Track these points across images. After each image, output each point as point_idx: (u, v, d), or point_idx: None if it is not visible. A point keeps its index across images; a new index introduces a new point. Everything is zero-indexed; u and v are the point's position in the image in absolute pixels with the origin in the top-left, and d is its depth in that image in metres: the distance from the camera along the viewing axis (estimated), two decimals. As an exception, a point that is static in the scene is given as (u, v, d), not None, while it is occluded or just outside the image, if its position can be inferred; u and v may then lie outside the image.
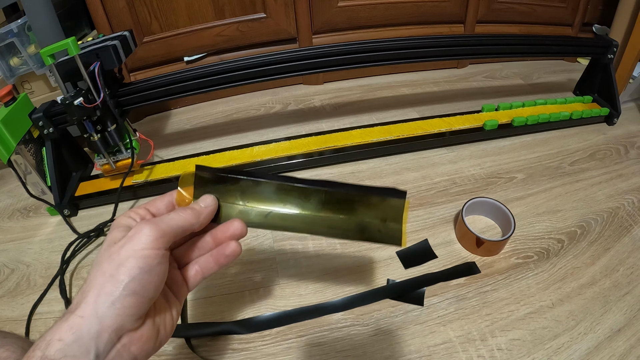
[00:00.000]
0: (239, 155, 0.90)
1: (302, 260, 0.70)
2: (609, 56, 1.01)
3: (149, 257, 0.30)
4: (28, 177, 0.82)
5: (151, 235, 0.30)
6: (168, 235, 0.31)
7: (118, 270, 0.29)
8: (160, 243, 0.31)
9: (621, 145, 0.98)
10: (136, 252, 0.29)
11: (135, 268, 0.29)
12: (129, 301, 0.29)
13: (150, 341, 0.31)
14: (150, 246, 0.30)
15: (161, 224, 0.31)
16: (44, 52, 0.68)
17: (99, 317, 0.28)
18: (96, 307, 0.28)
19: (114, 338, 0.28)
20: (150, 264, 0.30)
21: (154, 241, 0.30)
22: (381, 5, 1.15)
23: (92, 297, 0.28)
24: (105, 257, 0.30)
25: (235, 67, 0.81)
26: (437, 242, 0.72)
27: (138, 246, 0.30)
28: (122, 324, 0.28)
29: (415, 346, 0.57)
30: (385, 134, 0.94)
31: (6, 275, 0.74)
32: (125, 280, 0.28)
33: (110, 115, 0.78)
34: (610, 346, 0.56)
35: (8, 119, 0.74)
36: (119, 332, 0.28)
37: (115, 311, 0.28)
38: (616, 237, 0.73)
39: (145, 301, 0.30)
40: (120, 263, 0.29)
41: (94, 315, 0.28)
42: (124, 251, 0.30)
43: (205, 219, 0.36)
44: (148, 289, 0.30)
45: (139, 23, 1.04)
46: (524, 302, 0.62)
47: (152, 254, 0.30)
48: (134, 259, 0.29)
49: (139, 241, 0.30)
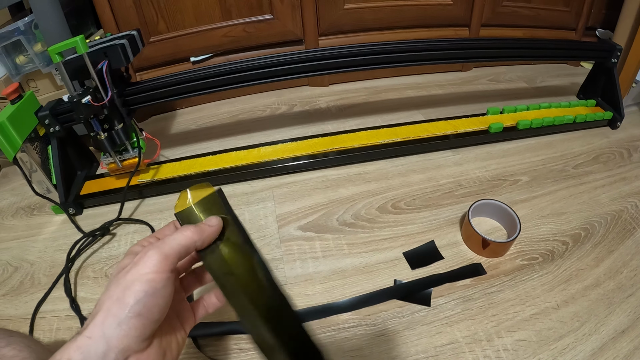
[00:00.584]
0: (245, 156, 0.91)
1: (310, 261, 0.71)
2: (613, 60, 1.02)
3: (153, 280, 0.31)
4: (33, 175, 0.82)
5: (155, 259, 0.31)
6: (171, 257, 0.32)
7: (124, 293, 0.30)
8: (164, 266, 0.32)
9: (624, 148, 0.99)
10: (141, 276, 0.31)
11: (141, 291, 0.30)
12: (134, 323, 0.30)
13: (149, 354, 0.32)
14: (154, 270, 0.31)
15: (164, 247, 0.32)
16: (52, 50, 0.69)
17: (106, 338, 0.29)
18: (103, 328, 0.29)
19: (120, 358, 0.29)
20: (155, 287, 0.31)
21: (158, 264, 0.31)
22: (387, 8, 1.16)
23: (100, 319, 0.30)
24: (113, 282, 0.32)
25: (241, 68, 0.82)
26: (443, 244, 0.73)
27: (143, 270, 0.31)
28: (128, 344, 0.30)
29: (422, 346, 0.58)
30: (392, 136, 0.95)
31: (10, 273, 0.74)
32: (130, 302, 0.30)
33: (118, 114, 0.79)
34: (614, 347, 0.57)
35: (14, 116, 0.75)
36: (126, 353, 0.30)
37: (122, 332, 0.29)
38: (620, 239, 0.74)
39: (150, 323, 0.31)
40: (127, 287, 0.30)
41: (102, 336, 0.29)
42: (130, 275, 0.31)
43: (208, 238, 0.36)
44: (153, 312, 0.31)
45: (145, 23, 1.05)
46: (529, 303, 0.63)
47: (157, 277, 0.31)
48: (140, 282, 0.30)
49: (143, 265, 0.31)
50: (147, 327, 0.31)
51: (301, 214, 0.81)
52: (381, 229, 0.77)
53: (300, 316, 0.36)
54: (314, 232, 0.77)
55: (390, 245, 0.73)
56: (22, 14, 1.00)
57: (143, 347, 0.31)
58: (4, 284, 0.72)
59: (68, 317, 0.65)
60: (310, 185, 0.88)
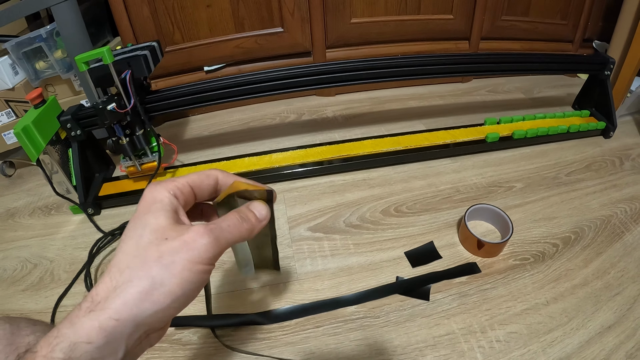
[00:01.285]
0: (257, 162, 0.96)
1: (319, 259, 0.76)
2: (606, 72, 1.06)
3: (203, 272, 0.28)
4: (54, 177, 0.85)
5: (210, 250, 0.28)
6: (223, 249, 0.29)
7: (171, 280, 0.26)
8: (215, 259, 0.29)
9: (616, 157, 1.02)
10: (192, 266, 0.27)
11: (190, 283, 0.27)
12: (172, 313, 0.27)
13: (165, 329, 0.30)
14: (207, 262, 0.28)
15: (221, 239, 0.29)
16: (79, 59, 0.73)
17: (137, 323, 0.26)
18: (136, 312, 0.26)
19: (143, 337, 0.27)
20: (203, 279, 0.28)
21: (211, 258, 0.28)
22: (392, 22, 1.21)
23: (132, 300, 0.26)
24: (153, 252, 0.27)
25: (254, 80, 0.87)
26: (441, 244, 0.77)
27: (195, 259, 0.27)
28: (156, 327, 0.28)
29: (421, 336, 0.62)
30: (395, 145, 0.99)
31: (29, 269, 0.77)
32: (178, 293, 0.26)
33: (139, 120, 0.83)
34: (600, 341, 0.61)
35: (38, 120, 0.78)
36: (150, 331, 0.28)
37: (156, 320, 0.27)
38: (608, 242, 0.78)
39: (186, 304, 0.28)
40: (174, 274, 0.27)
41: (133, 320, 0.26)
42: (179, 259, 0.27)
43: (258, 230, 0.33)
44: (190, 299, 0.28)
45: (162, 33, 1.10)
46: (520, 299, 0.67)
47: (207, 269, 0.28)
48: (190, 272, 0.27)
49: (197, 254, 0.27)
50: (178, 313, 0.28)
51: (311, 216, 0.85)
52: (384, 231, 0.81)
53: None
54: (323, 232, 0.81)
55: (392, 245, 0.78)
56: (38, 22, 1.04)
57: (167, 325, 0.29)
58: (23, 280, 0.75)
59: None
60: (319, 189, 0.92)
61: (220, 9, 1.10)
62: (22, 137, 0.76)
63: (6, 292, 0.74)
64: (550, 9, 1.33)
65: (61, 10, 0.85)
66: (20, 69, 0.94)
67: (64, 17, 0.86)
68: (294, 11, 1.13)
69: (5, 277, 0.77)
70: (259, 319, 0.65)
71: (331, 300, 0.68)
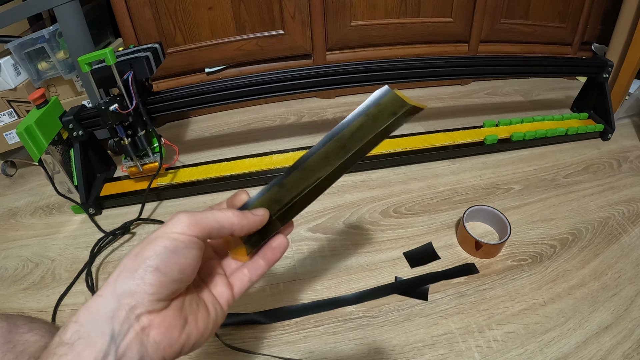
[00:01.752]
0: (258, 163, 0.96)
1: (318, 259, 0.76)
2: (604, 75, 1.06)
3: (177, 240, 0.28)
4: (56, 177, 0.86)
5: (185, 221, 0.29)
6: (203, 226, 0.30)
7: (144, 249, 0.28)
8: (193, 230, 0.29)
9: (614, 159, 1.03)
10: (166, 234, 0.28)
11: (161, 247, 0.28)
12: (150, 278, 0.27)
13: (174, 329, 0.28)
14: (182, 231, 0.29)
15: (197, 215, 0.30)
16: (82, 60, 0.73)
17: (117, 295, 0.26)
18: (115, 285, 0.27)
19: (131, 317, 0.26)
20: (177, 246, 0.28)
21: (187, 227, 0.29)
22: (391, 25, 1.22)
23: (114, 276, 0.27)
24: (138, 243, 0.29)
25: (255, 82, 0.88)
26: (439, 245, 0.78)
27: (169, 229, 0.29)
28: (141, 301, 0.27)
29: (420, 336, 0.63)
30: (394, 147, 1.00)
31: (30, 269, 0.78)
32: (149, 256, 0.27)
33: (141, 121, 0.84)
34: (597, 341, 0.61)
35: (41, 120, 0.79)
36: (137, 311, 0.26)
37: (135, 287, 0.27)
38: (606, 244, 0.78)
39: (168, 282, 0.28)
40: (148, 242, 0.28)
41: (112, 293, 0.26)
42: (155, 234, 0.29)
43: (249, 225, 0.33)
44: (172, 269, 0.28)
45: (163, 35, 1.10)
46: (518, 299, 0.68)
47: (182, 237, 0.29)
48: (162, 239, 0.28)
49: (171, 226, 0.29)
50: (164, 286, 0.27)
51: (310, 217, 0.86)
52: (383, 231, 0.81)
53: None
54: (322, 233, 0.82)
55: (391, 246, 0.78)
56: (41, 23, 1.05)
57: (158, 307, 0.28)
58: (24, 279, 0.76)
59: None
60: (318, 190, 0.92)
61: (221, 12, 1.11)
62: (25, 137, 0.77)
63: (7, 291, 0.74)
64: (549, 12, 1.34)
65: (64, 11, 0.86)
66: (23, 69, 0.94)
67: (67, 18, 0.87)
68: (295, 14, 1.13)
69: (6, 276, 0.77)
70: (259, 318, 0.66)
71: (330, 300, 0.68)
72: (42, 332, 0.41)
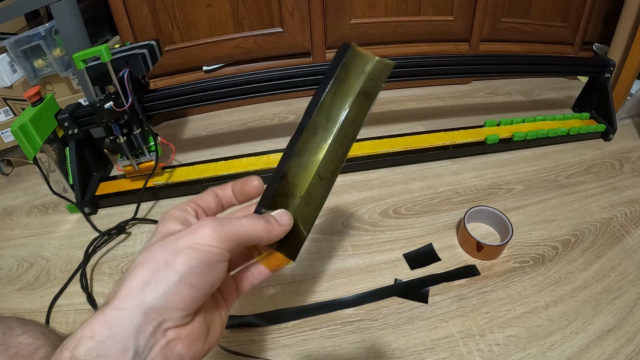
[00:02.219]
0: (256, 162, 0.95)
1: (317, 261, 0.75)
2: (606, 75, 1.06)
3: (211, 252, 0.26)
4: (51, 175, 0.85)
5: (216, 233, 0.27)
6: (233, 239, 0.28)
7: (175, 258, 0.25)
8: (224, 244, 0.27)
9: (616, 160, 1.02)
10: (197, 245, 0.26)
11: (196, 259, 0.26)
12: (184, 293, 0.25)
13: (199, 340, 0.27)
14: (213, 243, 0.26)
15: (228, 226, 0.28)
16: (77, 57, 0.72)
17: (144, 309, 0.24)
18: (142, 297, 0.24)
19: (157, 332, 0.24)
20: (212, 259, 0.26)
21: (218, 240, 0.27)
22: (391, 23, 1.21)
23: (138, 286, 0.24)
24: (158, 245, 0.26)
25: (253, 80, 0.87)
26: (440, 246, 0.77)
27: (200, 240, 0.26)
28: (170, 317, 0.25)
29: (420, 339, 0.62)
30: (394, 146, 0.99)
31: (25, 268, 0.77)
32: (183, 269, 0.25)
33: (137, 119, 0.83)
34: (600, 345, 0.60)
35: (36, 118, 0.78)
36: (164, 325, 0.25)
37: (166, 303, 0.24)
38: (608, 245, 0.77)
39: (199, 297, 0.26)
40: (178, 252, 0.26)
41: (139, 306, 0.24)
42: (183, 242, 0.26)
43: (275, 237, 0.31)
44: (205, 284, 0.26)
45: (161, 32, 1.10)
46: (520, 302, 0.67)
47: (214, 250, 0.26)
48: (194, 250, 0.26)
49: (202, 236, 0.26)
50: (196, 301, 0.26)
51: (308, 217, 0.84)
52: (383, 232, 0.80)
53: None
54: (321, 234, 0.81)
55: (391, 247, 0.77)
56: (38, 21, 1.04)
57: (186, 321, 0.26)
58: (19, 279, 0.75)
59: (85, 311, 0.68)
60: (317, 190, 0.91)
61: (219, 9, 1.10)
62: (19, 135, 0.76)
63: (2, 291, 0.73)
64: (551, 12, 1.33)
65: (60, 8, 0.85)
66: (19, 67, 0.94)
67: (63, 15, 0.86)
68: (294, 11, 1.12)
69: (1, 276, 0.76)
70: (256, 321, 0.65)
71: (329, 302, 0.67)
72: (37, 335, 0.40)
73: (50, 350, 0.40)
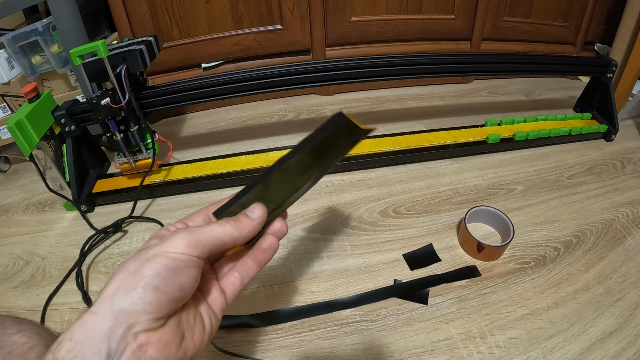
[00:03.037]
0: (254, 160, 0.94)
1: (315, 261, 0.74)
2: (609, 75, 1.05)
3: (177, 259, 0.28)
4: (47, 172, 0.84)
5: (185, 241, 0.29)
6: (203, 245, 0.29)
7: (142, 265, 0.27)
8: (193, 251, 0.29)
9: (618, 160, 1.01)
10: (165, 253, 0.28)
11: (161, 265, 0.27)
12: (149, 297, 0.26)
13: (171, 345, 0.28)
14: (181, 251, 0.28)
15: (198, 233, 0.30)
16: (74, 53, 0.72)
17: (114, 312, 0.26)
18: (112, 302, 0.26)
19: (128, 335, 0.26)
20: (177, 265, 0.28)
21: (187, 247, 0.28)
22: (392, 21, 1.20)
23: (109, 292, 0.26)
24: (132, 258, 0.29)
25: (252, 77, 0.86)
26: (440, 247, 0.76)
27: (169, 249, 0.28)
28: (139, 320, 0.26)
29: (419, 341, 0.61)
30: (394, 145, 0.98)
31: (20, 266, 0.76)
32: (149, 274, 0.27)
33: (134, 116, 0.82)
34: (602, 347, 0.60)
35: (32, 114, 0.77)
36: (134, 329, 0.26)
37: (133, 306, 0.26)
38: (610, 247, 0.77)
39: (167, 300, 0.27)
40: (147, 259, 0.28)
41: (109, 310, 0.26)
42: (153, 251, 0.28)
43: (249, 233, 0.33)
44: (172, 288, 0.27)
45: (159, 29, 1.08)
46: (521, 304, 0.66)
47: (182, 257, 0.28)
48: (162, 257, 0.28)
49: (170, 245, 0.28)
50: (163, 305, 0.27)
51: (307, 216, 0.84)
52: (382, 232, 0.80)
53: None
54: (319, 233, 0.80)
55: (391, 247, 0.76)
56: (36, 17, 1.03)
57: (156, 325, 0.27)
58: (14, 277, 0.74)
59: (80, 310, 0.67)
60: (316, 189, 0.90)
61: (219, 5, 1.09)
62: (15, 132, 0.75)
63: (-3, 290, 0.72)
64: (553, 11, 1.32)
65: (58, 3, 0.85)
66: (16, 63, 0.93)
67: (61, 10, 0.86)
68: (294, 9, 1.11)
69: (-4, 274, 0.75)
70: (253, 321, 0.64)
71: (327, 303, 0.66)
72: (31, 334, 0.41)
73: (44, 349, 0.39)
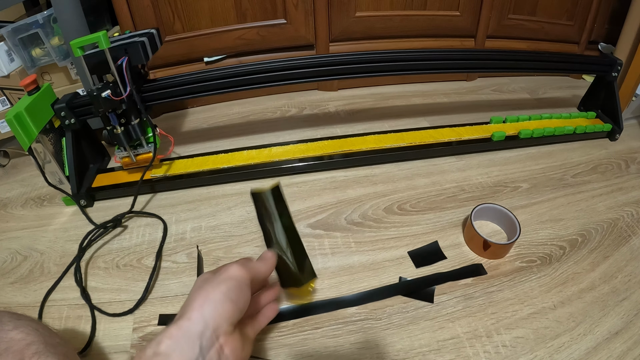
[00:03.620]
0: (256, 155, 0.93)
1: (319, 257, 0.74)
2: (613, 74, 1.04)
3: (239, 278, 0.43)
4: (47, 166, 0.83)
5: (239, 269, 0.44)
6: (251, 272, 0.45)
7: (219, 285, 0.41)
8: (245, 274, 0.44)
9: (622, 160, 1.01)
10: (230, 276, 0.43)
11: (232, 282, 0.41)
12: (228, 307, 0.39)
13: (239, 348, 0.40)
14: (239, 275, 0.43)
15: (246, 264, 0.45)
16: (75, 44, 0.70)
17: (204, 319, 0.37)
18: (202, 311, 0.38)
19: (213, 337, 0.37)
20: (241, 283, 0.42)
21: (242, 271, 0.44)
22: (396, 17, 1.19)
23: (198, 304, 0.38)
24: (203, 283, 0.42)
25: (255, 70, 0.85)
26: (446, 244, 0.76)
27: (230, 274, 0.43)
28: (221, 324, 0.38)
29: (425, 340, 0.60)
30: (398, 141, 0.97)
31: (19, 262, 0.75)
32: (225, 290, 0.40)
33: (135, 109, 0.81)
34: (608, 347, 0.59)
35: (31, 107, 0.76)
36: (217, 332, 0.37)
37: (217, 313, 0.38)
38: (615, 246, 0.76)
39: (237, 309, 0.40)
40: (219, 282, 0.41)
41: (200, 317, 0.37)
42: (220, 277, 0.42)
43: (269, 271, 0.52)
44: (240, 300, 0.41)
45: (162, 22, 1.07)
46: (527, 303, 0.65)
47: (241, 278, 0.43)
48: (230, 279, 0.42)
49: (232, 270, 0.43)
50: (236, 313, 0.40)
51: (311, 213, 0.83)
52: (387, 229, 0.79)
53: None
54: (323, 230, 0.79)
55: (395, 244, 0.76)
56: (37, 9, 1.02)
57: (230, 330, 0.39)
58: (12, 272, 0.73)
59: (78, 306, 0.66)
60: (320, 185, 0.90)
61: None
62: (14, 124, 0.74)
63: (-6, 285, 0.71)
64: (557, 10, 1.32)
65: (59, -5, 0.83)
66: (16, 55, 0.91)
67: (62, 2, 0.85)
68: (298, 3, 1.10)
69: (-6, 269, 0.74)
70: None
71: (331, 301, 0.66)
72: (28, 330, 0.41)
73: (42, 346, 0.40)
